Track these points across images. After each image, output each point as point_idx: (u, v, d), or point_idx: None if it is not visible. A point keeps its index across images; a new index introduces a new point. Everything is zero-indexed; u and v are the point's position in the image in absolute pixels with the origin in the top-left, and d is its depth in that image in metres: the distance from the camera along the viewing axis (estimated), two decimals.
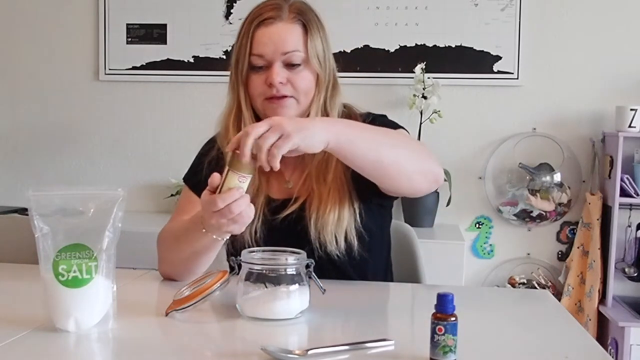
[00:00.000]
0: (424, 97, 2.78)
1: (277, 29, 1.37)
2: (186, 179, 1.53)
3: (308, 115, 1.41)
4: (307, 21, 1.39)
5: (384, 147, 1.26)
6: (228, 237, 1.26)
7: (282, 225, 1.40)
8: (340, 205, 1.38)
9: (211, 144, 1.52)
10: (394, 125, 1.46)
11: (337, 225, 1.37)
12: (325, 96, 1.43)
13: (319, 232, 1.36)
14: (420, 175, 1.30)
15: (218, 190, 1.15)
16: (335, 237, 1.36)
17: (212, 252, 1.31)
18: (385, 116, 1.52)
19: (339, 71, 1.48)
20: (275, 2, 1.40)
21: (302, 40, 1.38)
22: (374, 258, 1.44)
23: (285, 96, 1.38)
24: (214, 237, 1.24)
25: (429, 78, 2.78)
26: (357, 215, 1.39)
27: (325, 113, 1.43)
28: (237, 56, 1.43)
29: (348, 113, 1.48)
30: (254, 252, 1.17)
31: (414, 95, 2.79)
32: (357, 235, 1.38)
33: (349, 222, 1.38)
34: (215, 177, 1.16)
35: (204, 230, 1.23)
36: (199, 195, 1.42)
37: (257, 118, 1.42)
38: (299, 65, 1.38)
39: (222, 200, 1.13)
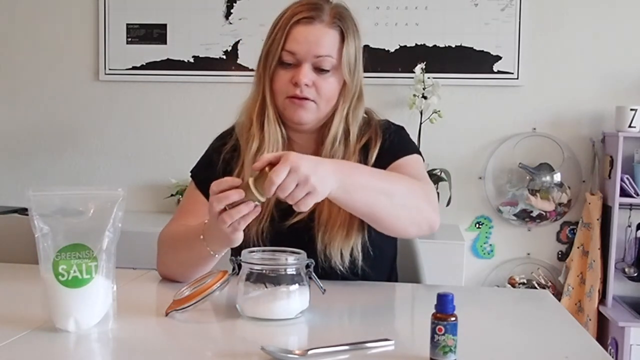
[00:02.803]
0: (424, 97, 2.78)
1: (314, 30, 1.35)
2: (194, 173, 1.51)
3: (331, 120, 1.39)
4: (346, 28, 1.38)
5: (381, 201, 1.23)
6: (222, 254, 1.26)
7: (290, 231, 1.39)
8: (349, 222, 1.36)
9: (225, 138, 1.50)
10: (409, 148, 1.45)
11: (345, 241, 1.35)
12: (349, 107, 1.41)
13: (326, 245, 1.35)
14: (414, 226, 1.29)
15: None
16: (341, 252, 1.35)
17: (208, 264, 1.31)
18: (403, 129, 1.50)
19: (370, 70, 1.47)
20: (316, 2, 1.38)
21: (336, 46, 1.36)
22: (376, 272, 1.43)
23: (307, 98, 1.36)
24: (210, 252, 1.24)
25: (429, 78, 2.78)
26: (366, 232, 1.38)
27: (347, 124, 1.41)
28: (269, 49, 1.40)
29: (368, 119, 1.47)
30: (254, 252, 1.17)
31: (414, 95, 2.79)
32: (363, 251, 1.37)
33: (356, 239, 1.37)
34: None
35: (206, 247, 1.23)
36: (205, 193, 1.41)
37: (280, 116, 1.41)
38: (327, 71, 1.36)
39: (229, 217, 1.13)
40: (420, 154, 1.47)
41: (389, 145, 1.42)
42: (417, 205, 1.28)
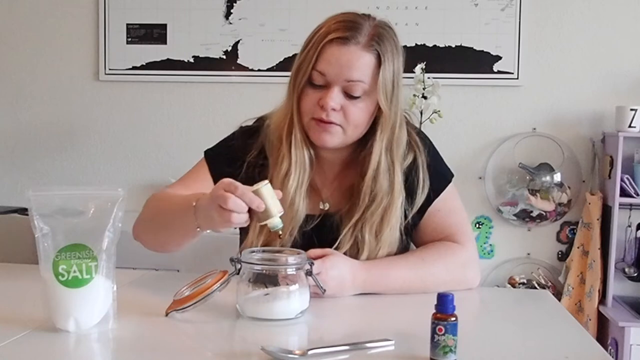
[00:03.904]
0: (424, 97, 2.77)
1: (348, 53, 1.27)
2: (210, 158, 1.44)
3: (369, 151, 1.34)
4: (383, 52, 1.29)
5: (417, 288, 1.32)
6: (203, 233, 1.23)
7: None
8: (387, 256, 1.37)
9: (252, 137, 1.42)
10: (444, 172, 1.45)
11: None
12: (391, 137, 1.34)
13: None
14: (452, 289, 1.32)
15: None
16: None
17: (188, 237, 1.28)
18: (432, 142, 1.47)
19: None
20: (355, 20, 1.30)
21: (370, 71, 1.28)
22: None
23: (332, 122, 1.29)
24: (197, 228, 1.20)
25: (429, 78, 2.78)
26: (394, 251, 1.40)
27: (390, 157, 1.34)
28: (300, 65, 1.31)
29: (407, 130, 1.40)
30: (254, 252, 1.17)
31: (414, 95, 2.78)
32: None
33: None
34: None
35: (195, 220, 1.20)
36: (216, 182, 1.35)
37: (307, 136, 1.35)
38: (358, 97, 1.29)
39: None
40: (452, 176, 1.47)
41: (429, 177, 1.41)
42: (455, 279, 1.36)
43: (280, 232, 1.16)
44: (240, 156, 1.41)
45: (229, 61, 3.02)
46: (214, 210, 1.13)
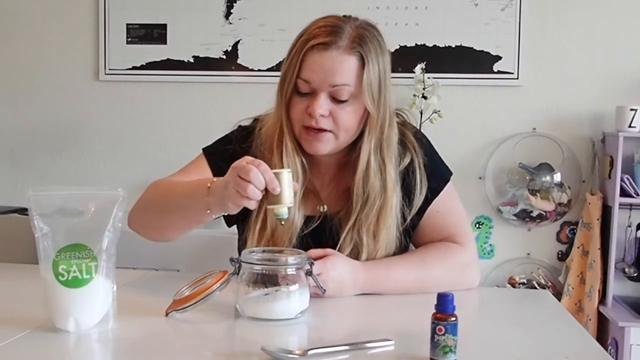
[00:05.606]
0: (424, 97, 2.77)
1: (330, 58, 1.27)
2: (209, 154, 1.43)
3: (358, 152, 1.34)
4: (366, 53, 1.28)
5: (416, 289, 1.32)
6: (212, 219, 1.23)
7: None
8: (386, 256, 1.37)
9: (248, 138, 1.41)
10: (442, 172, 1.45)
11: None
12: (380, 137, 1.33)
13: None
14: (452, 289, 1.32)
15: None
16: None
17: (193, 223, 1.28)
18: (429, 142, 1.46)
19: None
20: (335, 24, 1.30)
21: (354, 74, 1.28)
22: None
23: (323, 129, 1.30)
24: (207, 210, 1.20)
25: (429, 78, 2.78)
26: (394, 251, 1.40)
27: (380, 156, 1.34)
28: (285, 74, 1.32)
29: (402, 137, 1.40)
30: (254, 252, 1.17)
31: (414, 95, 2.78)
32: None
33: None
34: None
35: (206, 199, 1.19)
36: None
37: (299, 143, 1.35)
38: (345, 100, 1.29)
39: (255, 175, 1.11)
40: (450, 174, 1.47)
41: (426, 178, 1.40)
42: (455, 279, 1.36)
43: (283, 222, 1.17)
44: (237, 158, 1.41)
45: (229, 61, 3.02)
46: (232, 182, 1.13)
